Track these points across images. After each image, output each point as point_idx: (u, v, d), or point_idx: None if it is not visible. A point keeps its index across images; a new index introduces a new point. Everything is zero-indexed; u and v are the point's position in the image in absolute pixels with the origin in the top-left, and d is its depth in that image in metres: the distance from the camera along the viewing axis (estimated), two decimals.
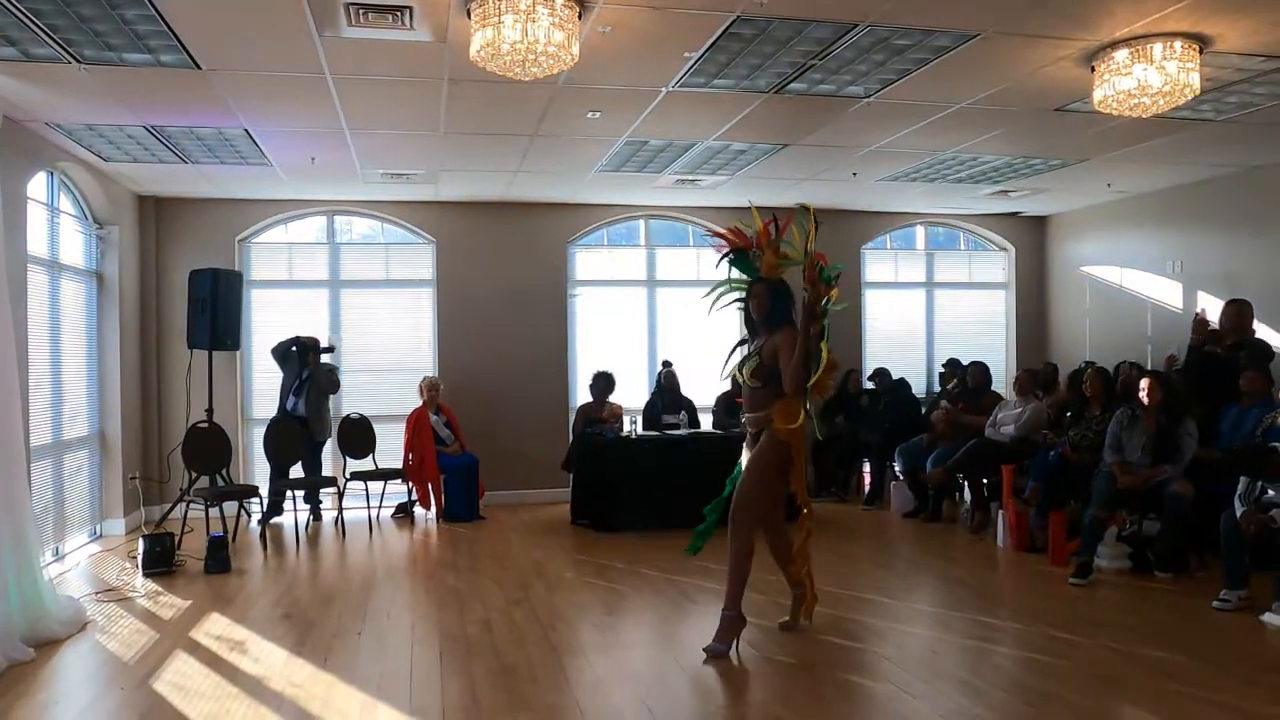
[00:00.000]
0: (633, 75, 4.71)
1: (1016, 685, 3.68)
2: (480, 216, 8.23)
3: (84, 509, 6.76)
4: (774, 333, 4.10)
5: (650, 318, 8.67)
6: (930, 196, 8.12)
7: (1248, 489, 4.65)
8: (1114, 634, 4.26)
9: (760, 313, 4.17)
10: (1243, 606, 4.52)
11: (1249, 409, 5.56)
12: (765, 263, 4.32)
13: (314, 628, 4.48)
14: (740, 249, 4.39)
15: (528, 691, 3.59)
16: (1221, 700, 3.44)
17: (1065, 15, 3.91)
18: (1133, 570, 5.42)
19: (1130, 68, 4.22)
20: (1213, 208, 7.26)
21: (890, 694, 3.65)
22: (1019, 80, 4.77)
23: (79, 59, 4.38)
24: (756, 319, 4.20)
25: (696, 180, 7.30)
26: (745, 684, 3.70)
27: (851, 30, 4.08)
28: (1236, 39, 4.14)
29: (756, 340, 4.21)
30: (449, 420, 7.70)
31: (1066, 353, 8.72)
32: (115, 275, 7.13)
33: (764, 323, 4.17)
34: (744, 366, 4.16)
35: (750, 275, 4.36)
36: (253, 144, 6.00)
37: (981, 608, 4.80)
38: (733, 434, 7.32)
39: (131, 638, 4.36)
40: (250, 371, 8.01)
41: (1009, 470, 6.32)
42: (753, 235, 4.37)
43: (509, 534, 6.90)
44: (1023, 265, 9.28)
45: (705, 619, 4.73)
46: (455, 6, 3.76)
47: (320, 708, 3.43)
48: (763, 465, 4.10)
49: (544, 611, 4.73)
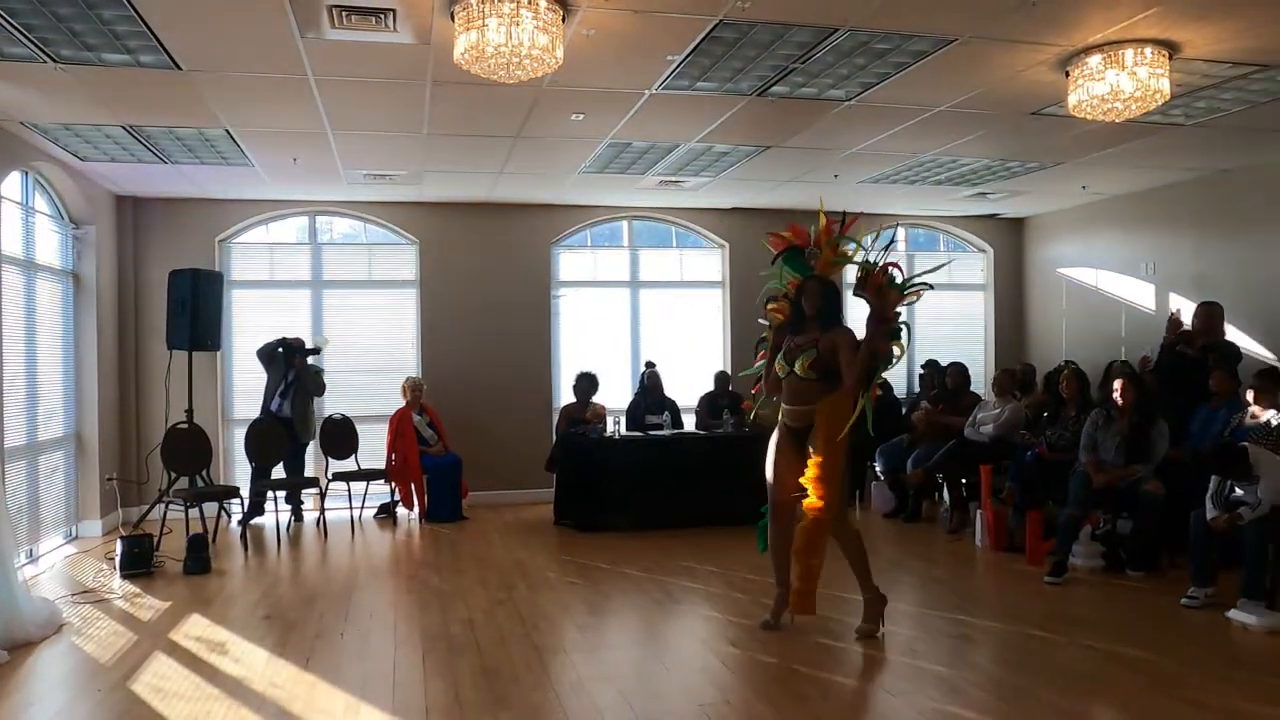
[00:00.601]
0: (616, 78, 4.74)
1: (993, 682, 3.74)
2: (463, 217, 8.22)
3: (59, 510, 6.69)
4: (829, 330, 4.19)
5: (633, 319, 8.69)
6: (911, 198, 8.20)
7: (1219, 488, 4.74)
8: (1087, 631, 4.33)
9: (814, 308, 4.23)
10: (1210, 603, 4.61)
11: (1217, 409, 5.68)
12: (823, 259, 4.40)
13: (296, 628, 4.47)
14: (797, 248, 4.45)
15: (510, 691, 3.60)
16: (1188, 695, 3.52)
17: (1040, 21, 3.98)
18: (1106, 569, 5.51)
19: (1103, 73, 4.30)
20: (1184, 211, 7.38)
21: (871, 692, 3.70)
22: (996, 84, 4.85)
23: (55, 59, 4.34)
24: (809, 314, 4.25)
25: (680, 182, 7.33)
26: (728, 683, 3.73)
27: (832, 34, 4.13)
28: (1203, 46, 4.23)
29: (805, 335, 4.24)
30: (432, 420, 7.69)
31: (1043, 353, 8.84)
32: (92, 275, 7.07)
33: (817, 319, 4.23)
34: (799, 359, 4.18)
35: (802, 273, 4.42)
36: (234, 144, 5.97)
37: (959, 606, 4.86)
38: (715, 434, 7.38)
39: (109, 639, 4.33)
40: (231, 372, 7.96)
41: (987, 470, 6.40)
42: (814, 232, 4.45)
43: (492, 534, 6.91)
44: (1001, 266, 9.40)
45: (688, 618, 4.79)
46: (439, 9, 3.77)
47: (303, 708, 3.43)
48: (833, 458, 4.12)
49: (527, 611, 4.74)
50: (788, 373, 4.25)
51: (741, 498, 7.04)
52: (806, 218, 4.71)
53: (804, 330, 4.26)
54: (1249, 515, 4.48)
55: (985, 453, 6.67)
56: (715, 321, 8.86)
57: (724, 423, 7.46)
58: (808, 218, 4.64)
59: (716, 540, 6.40)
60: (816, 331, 4.21)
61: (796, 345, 4.24)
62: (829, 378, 4.17)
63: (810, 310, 4.25)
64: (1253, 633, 4.26)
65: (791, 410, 4.26)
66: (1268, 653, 4.07)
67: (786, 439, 4.30)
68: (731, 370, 8.23)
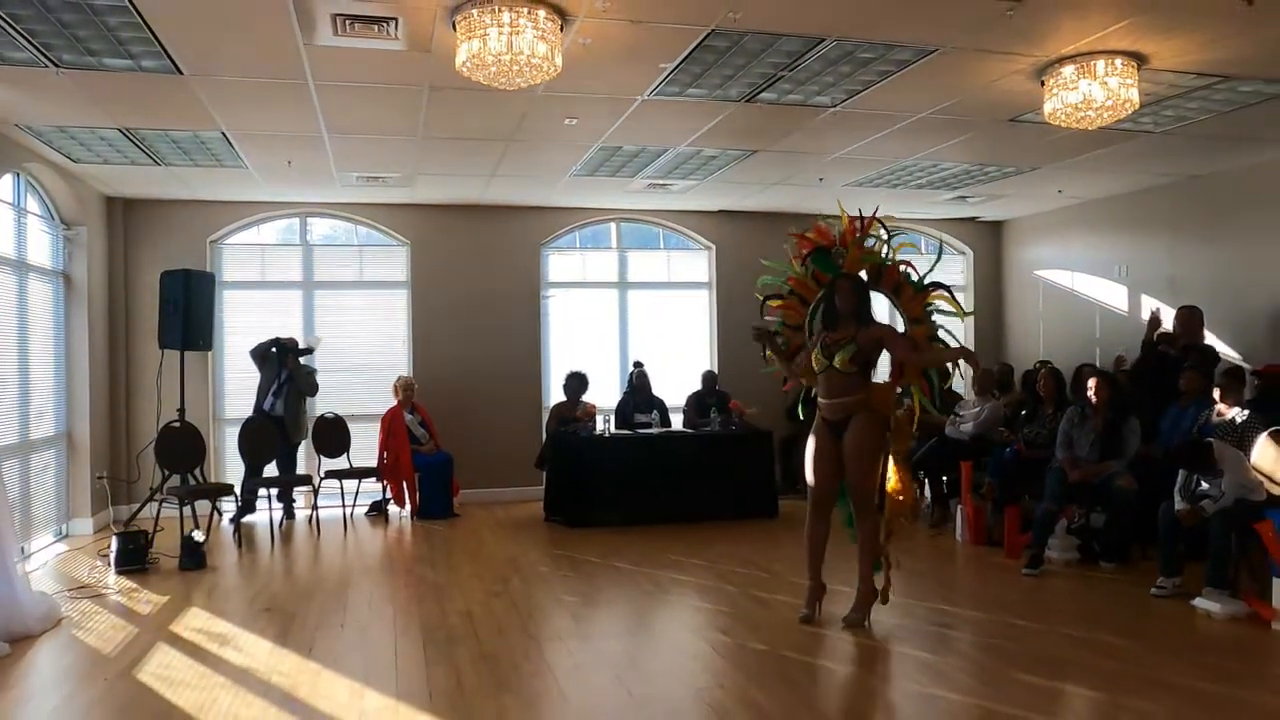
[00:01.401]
0: (610, 84, 4.87)
1: (975, 666, 3.90)
2: (454, 219, 8.32)
3: (50, 509, 6.73)
4: (866, 325, 4.37)
5: (622, 319, 8.83)
6: (893, 201, 8.36)
7: (1185, 482, 4.94)
8: (1062, 620, 4.52)
9: (850, 305, 4.39)
10: (1177, 593, 4.80)
11: (1186, 408, 5.89)
12: (850, 258, 4.57)
13: (295, 621, 4.56)
14: (824, 247, 4.60)
15: (510, 676, 3.72)
16: (1155, 677, 3.71)
17: (1016, 32, 4.15)
18: (1080, 561, 5.70)
19: (1077, 82, 4.49)
20: (1156, 215, 7.62)
21: (858, 677, 3.85)
22: (975, 93, 5.03)
23: (57, 64, 4.40)
24: (843, 311, 4.39)
25: (668, 185, 7.48)
26: (720, 668, 3.87)
27: (819, 44, 4.29)
28: (1170, 58, 4.44)
29: (841, 330, 4.38)
30: (424, 419, 7.78)
31: (1021, 353, 9.05)
32: (84, 276, 7.11)
33: (853, 315, 4.39)
34: (839, 354, 4.31)
35: (832, 272, 4.57)
36: (229, 147, 6.04)
37: (942, 597, 5.04)
38: (702, 433, 7.53)
39: (109, 632, 4.41)
40: (223, 372, 8.02)
41: (967, 467, 6.58)
42: (838, 233, 4.63)
43: (484, 531, 7.01)
44: (980, 268, 9.62)
45: (678, 608, 4.93)
46: (440, 18, 3.88)
47: (308, 694, 3.53)
48: (874, 447, 4.34)
49: (522, 602, 4.86)
50: (826, 367, 4.38)
51: (728, 494, 7.27)
52: (793, 220, 4.88)
53: (839, 326, 4.41)
54: (1212, 508, 4.68)
55: (965, 450, 6.86)
56: (702, 322, 9.01)
57: (711, 421, 7.61)
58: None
59: (704, 535, 6.55)
60: (853, 327, 4.37)
61: (834, 340, 4.37)
62: (867, 371, 4.37)
63: (846, 307, 4.40)
64: (1216, 619, 4.46)
65: (830, 404, 4.39)
66: (1228, 638, 4.27)
67: (824, 434, 4.41)
68: (719, 370, 8.38)
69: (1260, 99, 5.07)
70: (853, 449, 4.33)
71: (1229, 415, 5.39)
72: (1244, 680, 3.73)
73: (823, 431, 4.42)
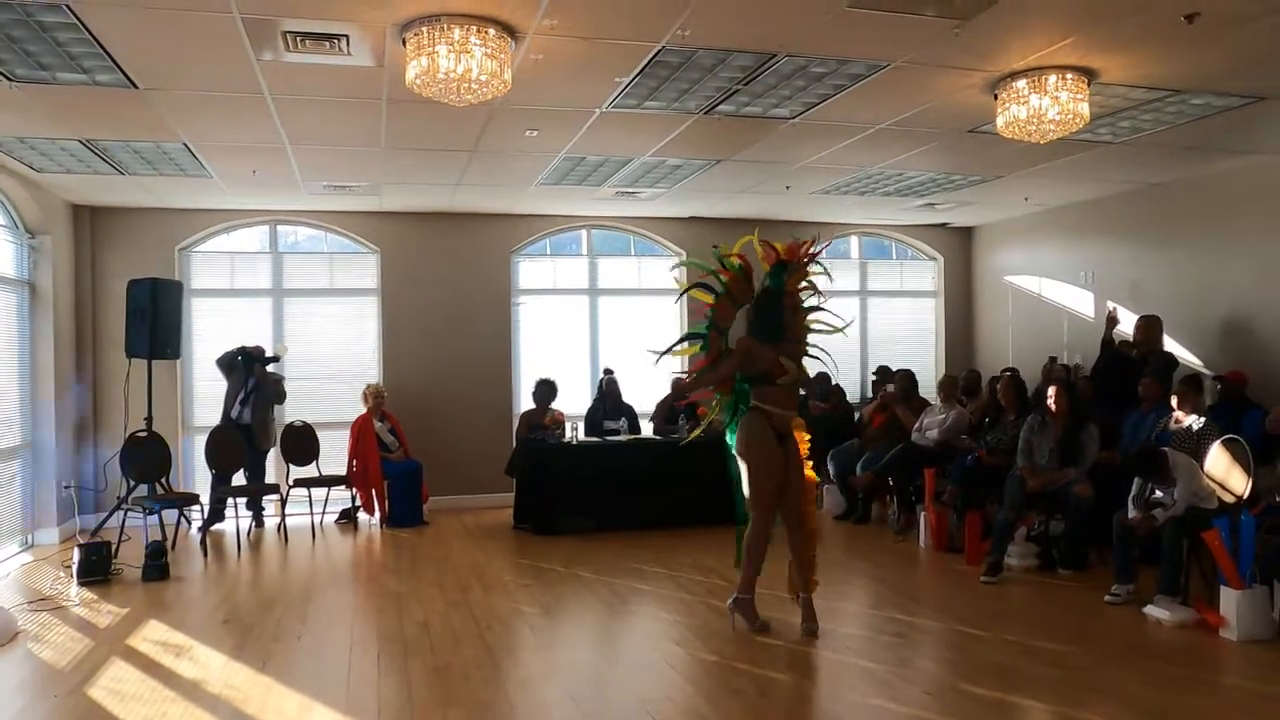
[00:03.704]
0: (567, 97, 4.90)
1: (921, 676, 3.95)
2: (424, 226, 8.33)
3: (15, 519, 6.70)
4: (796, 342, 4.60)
5: (592, 326, 8.85)
6: (863, 208, 8.45)
7: (1139, 490, 5.01)
8: (1014, 628, 4.57)
9: (796, 321, 4.62)
10: (1131, 600, 4.87)
11: (1147, 414, 5.98)
12: (797, 277, 4.68)
13: (253, 632, 4.57)
14: (784, 262, 4.69)
15: (460, 689, 3.75)
16: (1098, 684, 3.77)
17: (965, 48, 4.20)
18: (1039, 568, 5.77)
19: (1028, 97, 4.55)
20: (1119, 222, 7.71)
21: (803, 688, 3.89)
22: (932, 105, 5.08)
23: (10, 77, 4.39)
24: (788, 325, 4.58)
25: (636, 192, 7.51)
26: (671, 680, 3.90)
27: (772, 59, 4.33)
28: (1119, 72, 4.50)
29: (787, 344, 4.55)
30: (393, 427, 7.78)
31: (991, 359, 9.13)
32: (49, 285, 7.08)
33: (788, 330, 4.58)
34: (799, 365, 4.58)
35: (778, 285, 4.64)
36: (192, 157, 6.03)
37: (898, 605, 5.09)
38: (671, 440, 7.56)
39: (66, 646, 4.40)
40: (191, 380, 8.00)
41: (931, 474, 6.64)
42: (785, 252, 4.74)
43: (451, 538, 7.02)
44: (951, 274, 9.70)
45: (637, 619, 4.96)
46: (391, 35, 3.90)
47: (257, 709, 3.54)
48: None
49: (481, 613, 4.88)
50: (793, 380, 4.54)
51: (695, 502, 7.28)
52: (760, 227, 4.93)
53: (785, 338, 4.55)
54: (1163, 516, 4.75)
55: (930, 457, 6.92)
56: (673, 328, 9.02)
57: (680, 428, 7.65)
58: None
59: (668, 543, 6.59)
60: (794, 342, 4.56)
61: (792, 353, 4.55)
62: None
63: (793, 321, 4.58)
64: (1166, 626, 4.52)
65: (783, 415, 4.53)
66: (1174, 645, 4.33)
67: (774, 443, 4.50)
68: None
69: (1212, 111, 5.15)
70: (798, 458, 4.49)
71: (1186, 423, 5.47)
72: (1186, 686, 3.79)
73: (773, 441, 4.49)
